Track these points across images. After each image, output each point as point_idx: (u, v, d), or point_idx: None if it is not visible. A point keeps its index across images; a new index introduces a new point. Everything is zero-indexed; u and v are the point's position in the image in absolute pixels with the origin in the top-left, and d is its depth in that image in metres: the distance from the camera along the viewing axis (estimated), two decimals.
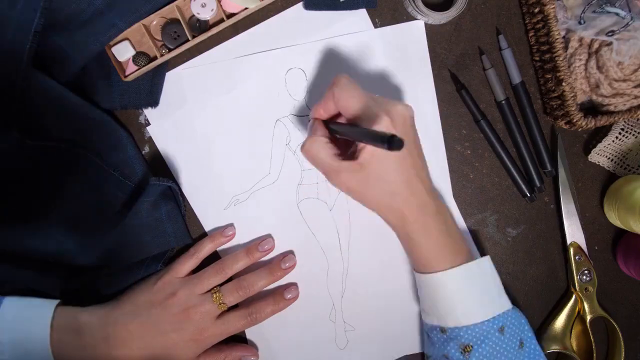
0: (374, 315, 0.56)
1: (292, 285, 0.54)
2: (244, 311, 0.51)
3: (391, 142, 0.34)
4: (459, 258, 0.44)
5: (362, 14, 0.54)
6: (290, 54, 0.54)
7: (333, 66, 0.55)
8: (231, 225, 0.55)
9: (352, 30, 0.54)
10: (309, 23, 0.54)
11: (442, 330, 0.45)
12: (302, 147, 0.45)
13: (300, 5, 0.54)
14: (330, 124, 0.47)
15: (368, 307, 0.56)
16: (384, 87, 0.55)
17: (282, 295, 0.53)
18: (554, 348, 0.55)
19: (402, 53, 0.55)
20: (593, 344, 0.55)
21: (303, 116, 0.55)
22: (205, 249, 0.53)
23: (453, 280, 0.44)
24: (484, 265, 0.45)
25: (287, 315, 0.55)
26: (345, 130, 0.43)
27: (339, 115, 0.47)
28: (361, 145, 0.43)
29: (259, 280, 0.51)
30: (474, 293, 0.44)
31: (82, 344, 0.46)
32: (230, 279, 0.52)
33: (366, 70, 0.55)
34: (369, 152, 0.42)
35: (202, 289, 0.50)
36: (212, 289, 0.50)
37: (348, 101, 0.43)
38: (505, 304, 0.46)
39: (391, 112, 0.42)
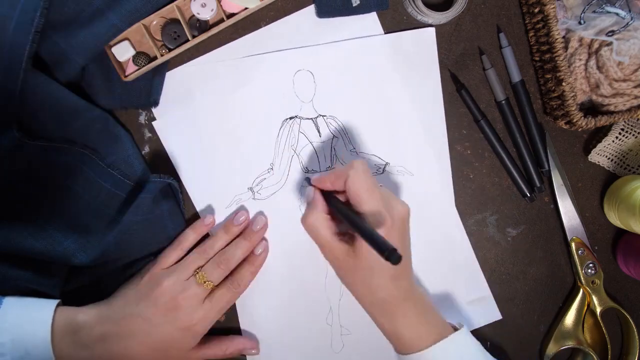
0: (370, 320, 0.56)
1: (261, 242, 0.54)
2: (226, 284, 0.51)
3: (391, 256, 0.36)
4: (435, 336, 0.45)
5: (372, 18, 0.54)
6: (300, 55, 0.54)
7: (342, 69, 0.55)
8: (210, 214, 0.54)
9: (362, 34, 0.54)
10: (319, 26, 0.54)
11: None
12: (304, 221, 0.46)
13: (311, 7, 0.54)
14: (332, 200, 0.47)
15: (365, 311, 0.56)
16: (391, 93, 0.55)
17: (253, 254, 0.53)
18: (568, 344, 0.55)
19: (411, 59, 0.55)
20: (606, 335, 0.55)
21: (309, 119, 0.55)
22: (188, 239, 0.53)
23: (431, 358, 0.45)
24: (461, 338, 0.46)
25: (284, 317, 0.55)
26: (349, 220, 0.43)
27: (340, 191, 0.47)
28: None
29: (237, 250, 0.52)
30: None
31: (81, 344, 0.46)
32: None
33: (375, 75, 0.55)
34: (365, 244, 0.42)
35: (186, 274, 0.50)
36: (194, 270, 0.50)
37: (360, 191, 0.44)
38: None
39: (393, 213, 0.44)
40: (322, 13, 0.53)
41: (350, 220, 0.43)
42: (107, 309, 0.49)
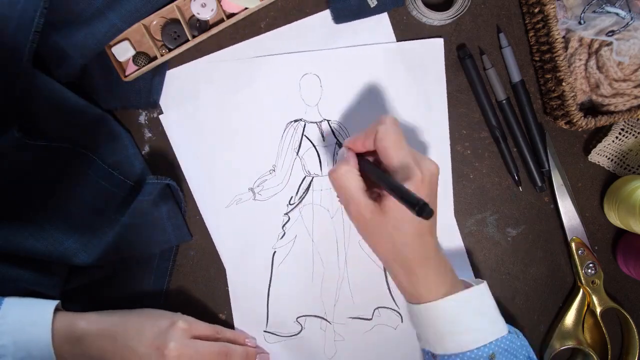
0: (363, 328, 0.56)
1: None
2: None
3: (422, 210, 0.35)
4: (449, 290, 0.44)
5: (385, 25, 0.54)
6: (307, 59, 0.54)
7: (349, 75, 0.54)
8: (267, 354, 0.55)
9: (373, 41, 0.54)
10: (330, 30, 0.54)
11: (433, 355, 0.45)
12: (333, 173, 0.45)
13: (322, 14, 0.54)
14: (363, 162, 0.46)
15: (359, 319, 0.56)
16: (397, 100, 0.55)
17: None
18: (568, 344, 0.56)
19: (419, 68, 0.55)
20: (606, 335, 0.55)
21: (314, 122, 0.55)
22: (225, 335, 0.53)
23: (441, 310, 0.44)
24: (475, 294, 0.45)
25: (277, 322, 0.55)
26: (379, 176, 0.43)
27: (372, 151, 0.47)
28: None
29: None
30: (462, 322, 0.44)
31: (81, 352, 0.46)
32: None
33: (381, 82, 0.55)
34: (393, 200, 0.42)
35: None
36: None
37: (389, 145, 0.44)
38: (499, 330, 0.45)
39: (423, 169, 0.43)
40: (339, 18, 0.53)
41: (380, 177, 0.42)
42: (118, 328, 0.48)
